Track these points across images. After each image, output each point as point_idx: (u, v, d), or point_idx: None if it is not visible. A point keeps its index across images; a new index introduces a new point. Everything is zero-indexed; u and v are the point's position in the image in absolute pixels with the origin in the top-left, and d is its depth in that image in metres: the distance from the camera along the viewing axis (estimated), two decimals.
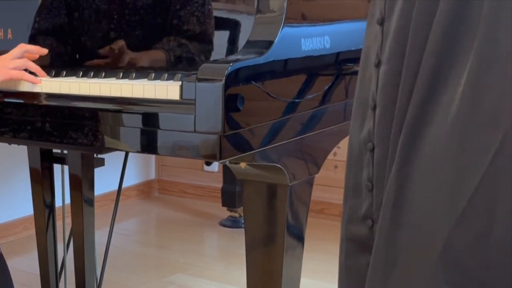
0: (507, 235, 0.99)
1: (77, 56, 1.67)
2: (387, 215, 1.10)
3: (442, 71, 1.05)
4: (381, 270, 1.11)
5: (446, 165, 1.04)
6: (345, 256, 1.25)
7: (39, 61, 1.60)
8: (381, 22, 1.18)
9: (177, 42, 1.52)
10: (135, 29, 1.57)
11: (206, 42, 1.51)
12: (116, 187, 2.22)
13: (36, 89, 1.52)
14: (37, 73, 1.55)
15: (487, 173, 1.00)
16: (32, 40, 1.69)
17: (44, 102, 1.52)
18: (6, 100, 1.58)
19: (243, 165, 1.49)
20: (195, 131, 1.25)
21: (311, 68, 1.51)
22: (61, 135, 1.48)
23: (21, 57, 1.55)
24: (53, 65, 1.65)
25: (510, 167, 0.99)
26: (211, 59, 1.48)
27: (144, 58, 1.56)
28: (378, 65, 1.18)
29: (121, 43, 1.58)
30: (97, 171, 2.06)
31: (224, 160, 1.30)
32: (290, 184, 1.52)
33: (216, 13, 1.53)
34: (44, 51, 1.59)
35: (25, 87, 1.54)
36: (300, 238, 1.61)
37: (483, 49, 1.01)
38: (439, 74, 1.05)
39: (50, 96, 1.51)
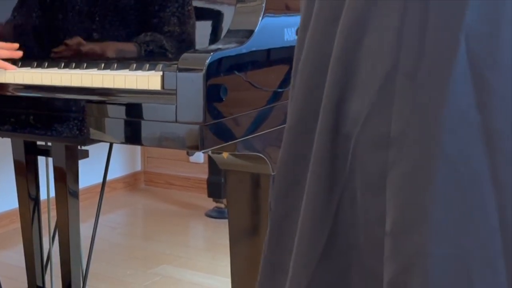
0: None
1: (57, 48, 1.66)
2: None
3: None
4: None
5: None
6: None
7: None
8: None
9: (157, 33, 1.52)
10: (114, 21, 1.57)
11: (188, 32, 1.51)
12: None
13: (18, 80, 1.51)
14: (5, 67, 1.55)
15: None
16: (13, 35, 1.68)
17: (26, 94, 1.51)
18: None
19: (225, 155, 1.49)
20: (176, 121, 1.25)
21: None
22: (44, 127, 1.48)
23: None
24: (34, 57, 1.65)
25: None
26: (193, 49, 1.48)
27: (123, 48, 1.56)
28: None
29: (98, 34, 1.57)
30: (83, 163, 2.05)
31: (206, 150, 1.30)
32: (273, 174, 1.52)
33: (197, 4, 1.52)
34: (15, 45, 1.61)
35: (6, 78, 1.53)
36: None
37: None
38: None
39: (32, 87, 1.51)
